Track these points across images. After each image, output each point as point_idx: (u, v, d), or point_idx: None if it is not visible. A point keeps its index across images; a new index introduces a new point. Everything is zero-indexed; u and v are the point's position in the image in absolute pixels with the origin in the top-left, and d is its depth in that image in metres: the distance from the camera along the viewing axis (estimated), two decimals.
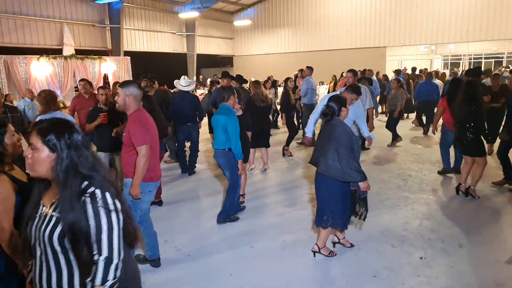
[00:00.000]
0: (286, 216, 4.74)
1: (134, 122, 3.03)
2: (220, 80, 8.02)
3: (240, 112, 4.85)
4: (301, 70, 8.71)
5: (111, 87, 8.40)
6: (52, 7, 15.66)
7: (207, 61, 26.80)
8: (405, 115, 12.05)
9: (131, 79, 17.06)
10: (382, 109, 13.12)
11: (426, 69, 16.48)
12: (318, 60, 22.56)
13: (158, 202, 5.07)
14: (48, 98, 4.48)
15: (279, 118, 10.02)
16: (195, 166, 6.80)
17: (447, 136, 6.12)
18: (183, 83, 6.46)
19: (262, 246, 3.96)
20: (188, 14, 20.10)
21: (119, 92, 3.06)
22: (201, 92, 17.32)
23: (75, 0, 16.46)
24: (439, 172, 6.40)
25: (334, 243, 3.84)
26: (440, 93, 9.31)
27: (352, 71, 5.72)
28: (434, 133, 6.63)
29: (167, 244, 4.02)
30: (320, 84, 19.24)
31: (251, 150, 6.78)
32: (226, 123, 4.11)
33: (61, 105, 12.60)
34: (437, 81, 11.01)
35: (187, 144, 6.77)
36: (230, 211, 4.48)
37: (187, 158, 6.76)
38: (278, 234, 4.23)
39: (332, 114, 3.38)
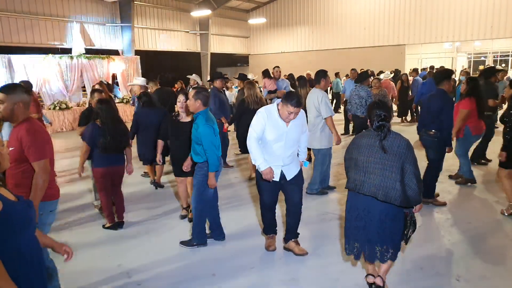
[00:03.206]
0: (261, 239, 4.21)
1: (29, 132, 2.56)
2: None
3: (189, 119, 4.27)
4: (267, 70, 7.98)
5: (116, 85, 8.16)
6: (62, 6, 15.65)
7: (223, 60, 26.49)
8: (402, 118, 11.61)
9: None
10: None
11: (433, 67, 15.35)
12: (335, 59, 21.92)
13: (119, 223, 4.47)
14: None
15: None
16: None
17: (469, 143, 5.53)
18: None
19: (225, 274, 3.48)
20: (201, 12, 19.79)
21: (2, 99, 2.55)
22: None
23: None
24: (457, 182, 5.78)
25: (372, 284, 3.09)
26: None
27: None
28: (453, 139, 5.36)
29: (119, 268, 3.58)
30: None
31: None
32: None
33: (64, 105, 12.54)
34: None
35: None
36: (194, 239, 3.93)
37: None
38: (247, 260, 3.74)
39: (389, 124, 2.82)
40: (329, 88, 13.84)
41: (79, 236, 4.30)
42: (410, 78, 11.79)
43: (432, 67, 14.12)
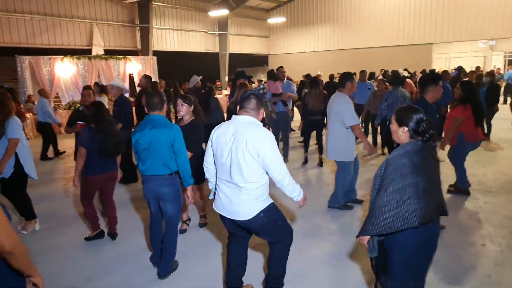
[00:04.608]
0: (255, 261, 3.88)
1: None
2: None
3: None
4: (272, 71, 7.56)
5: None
6: (82, 8, 15.88)
7: (243, 60, 26.31)
8: None
9: (157, 79, 16.94)
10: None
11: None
12: (357, 59, 21.28)
13: (112, 234, 4.24)
14: (6, 100, 4.11)
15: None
16: None
17: (464, 150, 5.01)
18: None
19: None
20: (220, 12, 19.63)
21: None
22: (226, 93, 16.82)
23: (105, 0, 16.58)
24: (449, 191, 5.28)
25: None
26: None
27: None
28: (443, 149, 4.96)
29: (88, 283, 3.37)
30: None
31: None
32: (173, 138, 3.24)
33: (78, 105, 12.63)
34: None
35: None
36: (171, 262, 3.47)
37: None
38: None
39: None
40: None
41: (60, 242, 4.13)
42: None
43: (460, 68, 13.23)
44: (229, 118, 5.66)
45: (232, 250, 2.94)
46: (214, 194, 2.85)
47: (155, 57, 16.93)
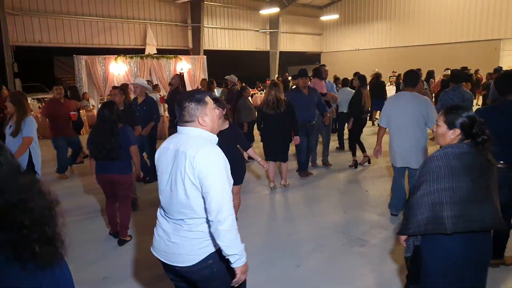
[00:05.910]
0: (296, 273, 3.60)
1: None
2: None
3: (226, 126, 3.84)
4: (318, 69, 7.01)
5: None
6: (137, 9, 16.52)
7: (294, 58, 25.88)
8: None
9: (207, 78, 17.14)
10: None
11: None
12: (416, 57, 20.03)
13: (119, 240, 4.10)
14: (22, 100, 4.24)
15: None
16: None
17: None
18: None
19: None
20: (271, 10, 19.44)
21: None
22: None
23: (159, 1, 17.10)
24: None
25: None
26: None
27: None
28: None
29: (104, 282, 3.32)
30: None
31: (271, 164, 5.75)
32: None
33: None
34: None
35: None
36: None
37: None
38: None
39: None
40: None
41: (83, 237, 4.15)
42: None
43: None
44: (259, 119, 5.42)
45: None
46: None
47: (205, 56, 17.15)
